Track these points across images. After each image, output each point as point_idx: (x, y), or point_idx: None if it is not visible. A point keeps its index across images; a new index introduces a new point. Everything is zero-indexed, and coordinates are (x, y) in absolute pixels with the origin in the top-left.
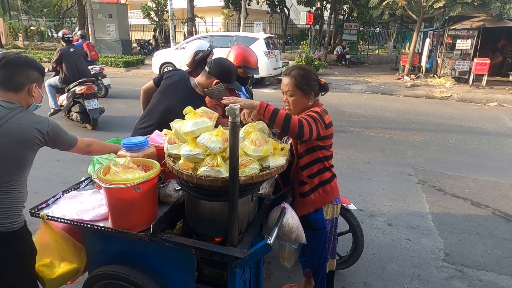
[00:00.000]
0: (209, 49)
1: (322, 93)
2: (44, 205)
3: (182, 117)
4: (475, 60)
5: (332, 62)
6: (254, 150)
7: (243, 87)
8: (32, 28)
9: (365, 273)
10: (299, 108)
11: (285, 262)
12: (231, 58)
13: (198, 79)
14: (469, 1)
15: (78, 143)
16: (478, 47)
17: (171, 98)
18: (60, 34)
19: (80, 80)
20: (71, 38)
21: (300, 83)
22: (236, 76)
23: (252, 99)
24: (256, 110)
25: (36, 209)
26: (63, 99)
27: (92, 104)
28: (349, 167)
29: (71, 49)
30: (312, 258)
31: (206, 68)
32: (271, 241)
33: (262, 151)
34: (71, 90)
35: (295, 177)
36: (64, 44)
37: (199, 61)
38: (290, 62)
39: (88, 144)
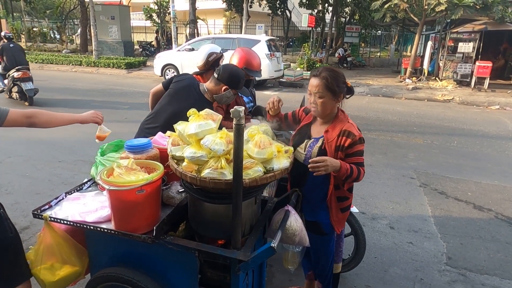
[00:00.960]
0: (221, 52)
1: (348, 96)
2: (47, 206)
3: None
4: (477, 63)
5: (333, 65)
6: (258, 152)
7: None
8: (34, 29)
9: (367, 277)
10: (327, 111)
11: (288, 265)
12: (235, 61)
13: (207, 85)
14: (471, 4)
15: (10, 114)
16: (480, 50)
17: (180, 101)
18: (2, 33)
19: (17, 67)
20: (11, 37)
21: (331, 85)
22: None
23: (255, 101)
24: (338, 170)
25: (39, 211)
26: (5, 82)
27: (27, 85)
28: None
29: (11, 45)
30: (320, 262)
31: (215, 75)
32: (275, 244)
33: (266, 154)
34: (11, 75)
35: (329, 193)
36: (6, 41)
37: (212, 63)
38: (291, 64)
39: (27, 116)
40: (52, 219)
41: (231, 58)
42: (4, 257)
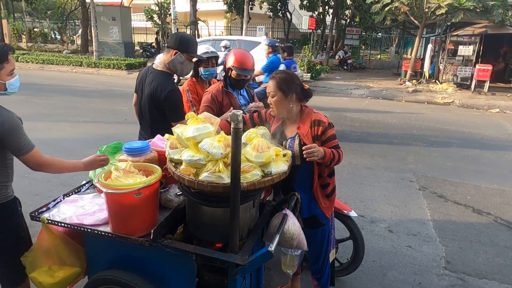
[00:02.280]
0: (229, 47)
1: (307, 99)
2: (44, 208)
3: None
4: (477, 66)
5: (334, 67)
6: (256, 156)
7: (243, 90)
8: (35, 30)
9: (365, 280)
10: (280, 109)
11: (286, 269)
12: (230, 58)
13: (161, 58)
14: (471, 8)
15: (33, 152)
16: (480, 53)
17: (141, 89)
18: None
19: None
20: None
21: (281, 85)
22: (231, 79)
23: (254, 102)
24: (324, 155)
25: (36, 213)
26: None
27: None
28: (350, 173)
29: None
30: (320, 256)
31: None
32: (273, 248)
33: (264, 157)
34: None
35: (315, 183)
36: None
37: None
38: None
39: (40, 165)
40: (50, 221)
41: (226, 60)
42: (15, 253)
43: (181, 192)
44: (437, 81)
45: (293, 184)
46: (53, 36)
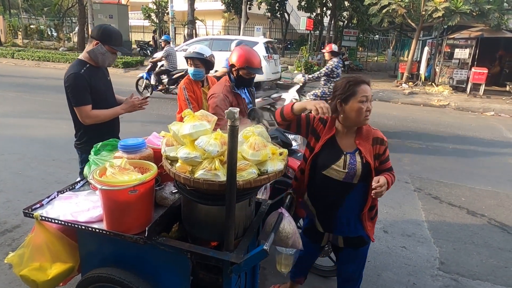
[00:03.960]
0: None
1: None
2: (38, 205)
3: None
4: (473, 69)
5: None
6: (252, 154)
7: (245, 89)
8: (32, 26)
9: None
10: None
11: (281, 268)
12: (234, 59)
13: (86, 49)
14: (468, 11)
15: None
16: (476, 56)
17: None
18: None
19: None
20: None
21: (335, 92)
22: (241, 78)
23: (254, 101)
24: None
25: (30, 209)
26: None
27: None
28: None
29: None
30: (358, 276)
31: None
32: (268, 247)
33: (260, 156)
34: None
35: (367, 206)
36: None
37: None
38: (289, 67)
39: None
40: (43, 218)
41: (230, 56)
42: None
43: (176, 190)
44: (433, 83)
45: (340, 207)
46: (49, 33)
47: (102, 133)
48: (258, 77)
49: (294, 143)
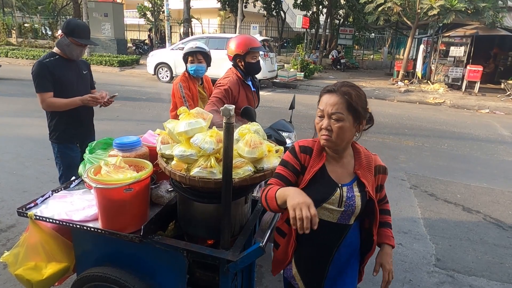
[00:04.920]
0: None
1: (367, 127)
2: (32, 204)
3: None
4: (468, 67)
5: (327, 66)
6: (248, 151)
7: (249, 82)
8: (26, 25)
9: None
10: (344, 141)
11: None
12: (235, 48)
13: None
14: (463, 9)
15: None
16: (471, 54)
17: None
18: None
19: None
20: None
21: (356, 104)
22: (249, 65)
23: (258, 93)
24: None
25: (23, 209)
26: None
27: None
28: None
29: None
30: None
31: None
32: (264, 244)
33: (256, 153)
34: None
35: (372, 250)
36: None
37: None
38: (285, 65)
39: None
40: (37, 217)
41: (228, 50)
42: None
43: (172, 188)
44: (428, 81)
45: (335, 253)
46: (43, 31)
47: (66, 123)
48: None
49: (288, 141)
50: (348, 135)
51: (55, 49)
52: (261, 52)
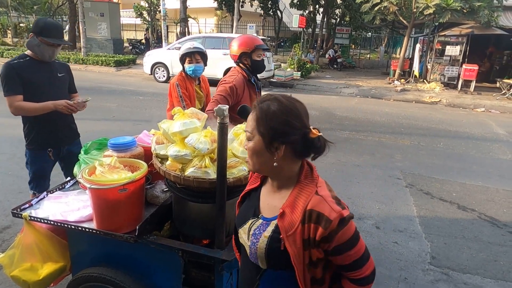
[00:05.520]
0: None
1: (313, 155)
2: (27, 205)
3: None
4: (463, 66)
5: (324, 66)
6: (243, 151)
7: (253, 80)
8: (21, 25)
9: None
10: (258, 165)
11: None
12: (240, 48)
13: None
14: (458, 9)
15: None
16: (467, 53)
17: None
18: None
19: None
20: None
21: (262, 122)
22: (255, 63)
23: (261, 91)
24: None
25: (18, 209)
26: None
27: None
28: (339, 170)
29: None
30: None
31: None
32: None
33: None
34: None
35: None
36: None
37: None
38: (282, 64)
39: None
40: (32, 218)
41: (232, 49)
42: None
43: (167, 188)
44: (425, 80)
45: None
46: None
47: (37, 129)
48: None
49: None
50: (261, 159)
51: (27, 51)
52: (267, 54)
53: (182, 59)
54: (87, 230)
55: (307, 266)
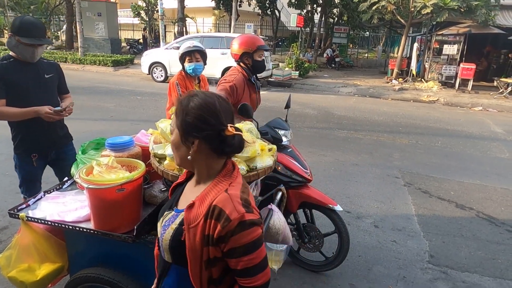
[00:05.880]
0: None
1: (229, 154)
2: (24, 205)
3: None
4: (461, 65)
5: (322, 65)
6: None
7: (253, 79)
8: None
9: (351, 275)
10: (177, 158)
11: (272, 264)
12: (242, 48)
13: None
14: (456, 8)
15: None
16: (464, 52)
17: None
18: None
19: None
20: None
21: (181, 117)
22: (257, 63)
23: (260, 91)
24: None
25: (15, 210)
26: None
27: None
28: (337, 169)
29: None
30: None
31: None
32: None
33: (249, 152)
34: None
35: None
36: None
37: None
38: (280, 64)
39: None
40: (29, 218)
41: (233, 49)
42: None
43: (165, 188)
44: (422, 79)
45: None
46: None
47: (22, 134)
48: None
49: (284, 139)
50: (179, 152)
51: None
52: (265, 53)
53: (182, 58)
54: (84, 230)
55: (205, 263)
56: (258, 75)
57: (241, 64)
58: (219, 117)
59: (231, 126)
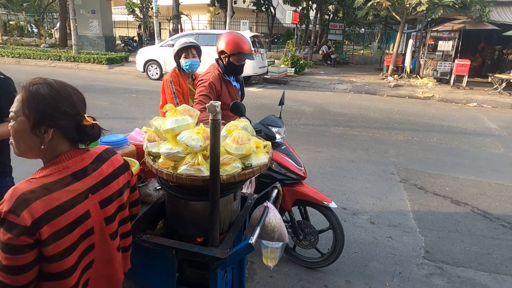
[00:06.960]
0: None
1: (85, 141)
2: None
3: None
4: (456, 61)
5: (317, 62)
6: (236, 148)
7: (233, 77)
8: (11, 22)
9: (347, 271)
10: (22, 147)
11: (268, 262)
12: (222, 46)
13: None
14: (450, 4)
15: None
16: (459, 48)
17: None
18: None
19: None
20: None
21: (28, 105)
22: (231, 65)
23: (243, 89)
24: None
25: None
26: None
27: None
28: (333, 166)
29: None
30: None
31: None
32: (253, 241)
33: (244, 150)
34: None
35: None
36: None
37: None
38: (276, 61)
39: None
40: None
41: (218, 42)
42: None
43: (160, 187)
44: (418, 75)
45: None
46: (29, 29)
47: None
48: (245, 71)
49: (278, 136)
50: (26, 141)
51: None
52: (261, 50)
53: (178, 55)
54: None
55: None
56: (253, 72)
57: (219, 61)
58: (75, 106)
59: (88, 116)
